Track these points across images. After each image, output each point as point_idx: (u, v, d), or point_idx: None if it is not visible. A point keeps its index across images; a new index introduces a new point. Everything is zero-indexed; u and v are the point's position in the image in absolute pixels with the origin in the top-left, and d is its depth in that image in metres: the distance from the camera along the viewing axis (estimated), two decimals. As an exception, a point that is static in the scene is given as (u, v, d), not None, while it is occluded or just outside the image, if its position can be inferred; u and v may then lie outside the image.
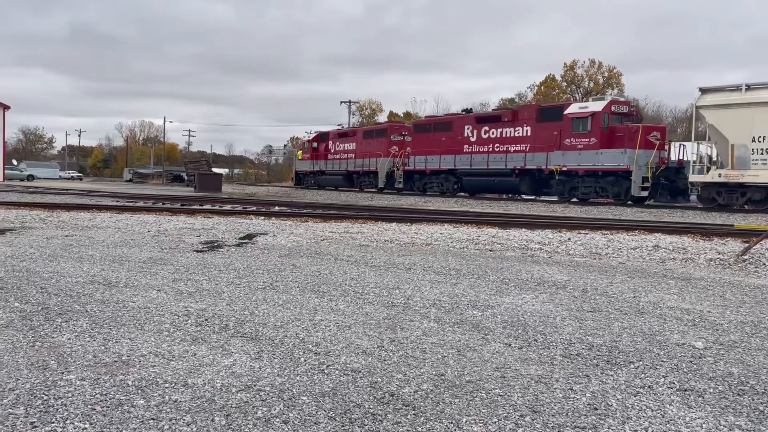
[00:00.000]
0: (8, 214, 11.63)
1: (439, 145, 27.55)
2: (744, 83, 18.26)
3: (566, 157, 22.14)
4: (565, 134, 22.19)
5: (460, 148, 26.56)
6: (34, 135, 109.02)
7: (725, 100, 18.31)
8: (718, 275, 6.39)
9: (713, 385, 2.91)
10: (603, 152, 21.03)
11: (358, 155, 34.18)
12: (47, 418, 2.30)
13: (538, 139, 23.25)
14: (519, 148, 24.00)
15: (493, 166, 25.02)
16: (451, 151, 26.94)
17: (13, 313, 3.91)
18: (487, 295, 4.96)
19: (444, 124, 28.37)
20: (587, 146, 21.48)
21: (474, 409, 2.53)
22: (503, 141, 24.74)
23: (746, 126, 17.55)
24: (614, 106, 21.78)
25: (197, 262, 6.22)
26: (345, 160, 35.60)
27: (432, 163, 28.01)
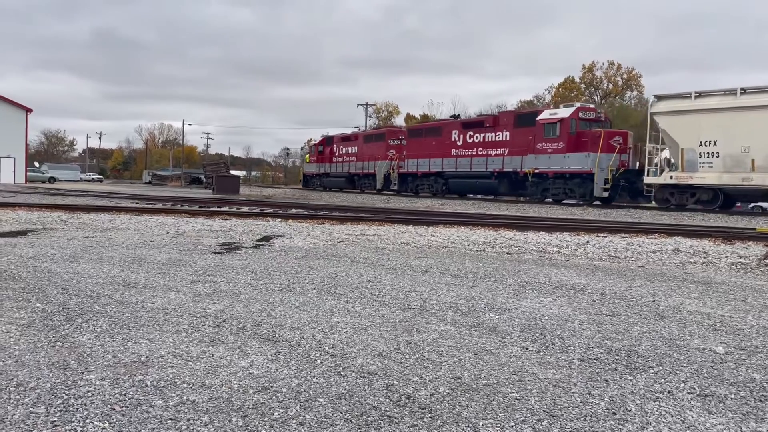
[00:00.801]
0: (30, 215, 11.81)
1: (430, 149, 29.21)
2: (694, 91, 19.57)
3: (538, 160, 23.59)
4: (538, 139, 23.65)
5: (448, 152, 28.14)
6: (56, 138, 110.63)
7: (676, 107, 19.55)
8: (739, 279, 6.29)
9: (734, 391, 2.87)
10: (570, 156, 22.40)
11: (359, 158, 35.87)
12: (67, 418, 2.33)
13: (515, 143, 24.73)
14: (498, 152, 25.56)
15: (475, 169, 26.62)
16: (440, 154, 28.58)
17: (35, 313, 3.97)
18: (504, 298, 4.94)
19: (434, 129, 30.19)
20: (556, 150, 22.91)
21: (491, 413, 2.52)
22: (485, 145, 26.31)
23: (695, 131, 18.78)
24: (581, 112, 23.10)
25: (215, 264, 6.26)
26: (347, 163, 37.32)
27: (423, 166, 29.78)
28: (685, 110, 19.26)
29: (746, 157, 17.86)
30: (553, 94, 62.32)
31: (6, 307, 4.09)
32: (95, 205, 15.15)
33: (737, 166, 18.12)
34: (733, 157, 18.18)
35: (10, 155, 46.69)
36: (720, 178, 18.42)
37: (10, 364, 2.93)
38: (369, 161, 34.61)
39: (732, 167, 18.21)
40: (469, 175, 27.11)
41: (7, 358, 3.02)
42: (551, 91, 63.83)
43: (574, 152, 22.23)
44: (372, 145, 34.77)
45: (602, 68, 61.79)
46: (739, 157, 18.06)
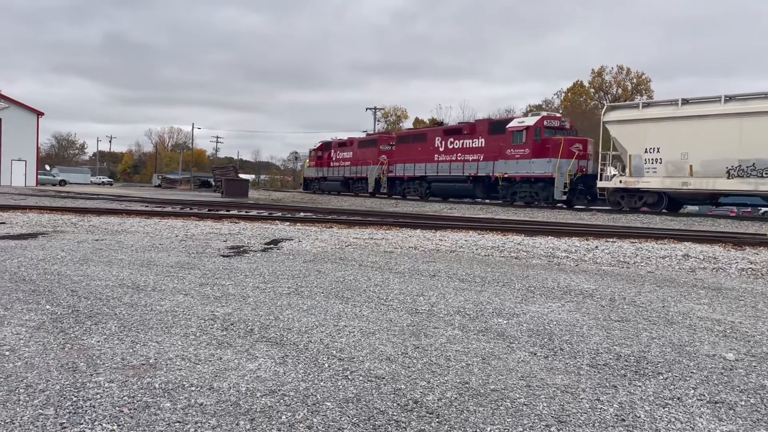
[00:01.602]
0: (41, 218, 11.89)
1: (416, 155, 31.28)
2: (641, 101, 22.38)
3: (507, 165, 25.59)
4: (507, 145, 25.61)
5: (431, 158, 30.12)
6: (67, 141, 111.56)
7: (625, 116, 21.33)
8: (750, 285, 6.24)
9: (745, 398, 2.85)
10: (534, 161, 24.28)
11: (354, 163, 37.87)
12: (76, 420, 2.34)
13: (489, 149, 26.69)
14: (474, 158, 27.54)
15: (454, 173, 28.57)
16: (424, 159, 30.61)
17: (45, 315, 3.99)
18: (512, 303, 4.92)
19: (420, 135, 32.42)
20: (522, 156, 24.87)
21: (499, 418, 2.51)
22: (463, 151, 28.29)
23: (641, 139, 20.49)
24: (546, 121, 24.93)
25: (223, 267, 6.28)
26: (343, 167, 39.33)
27: (409, 171, 31.83)
28: (632, 119, 20.95)
29: (685, 164, 19.47)
30: (562, 99, 62.18)
31: (16, 309, 4.12)
32: (105, 208, 15.24)
33: (678, 171, 19.70)
34: (674, 163, 19.80)
35: (21, 158, 47.08)
36: (663, 182, 20.02)
37: (20, 365, 2.95)
38: (362, 165, 36.56)
39: (673, 172, 19.81)
40: (448, 179, 28.92)
41: (17, 359, 3.04)
42: (560, 96, 63.71)
43: (538, 158, 24.02)
44: (365, 151, 36.67)
45: (611, 73, 61.63)
46: (679, 163, 19.68)
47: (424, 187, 30.88)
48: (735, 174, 18.46)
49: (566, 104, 57.49)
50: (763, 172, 17.87)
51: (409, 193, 32.34)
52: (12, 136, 45.94)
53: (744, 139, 18.15)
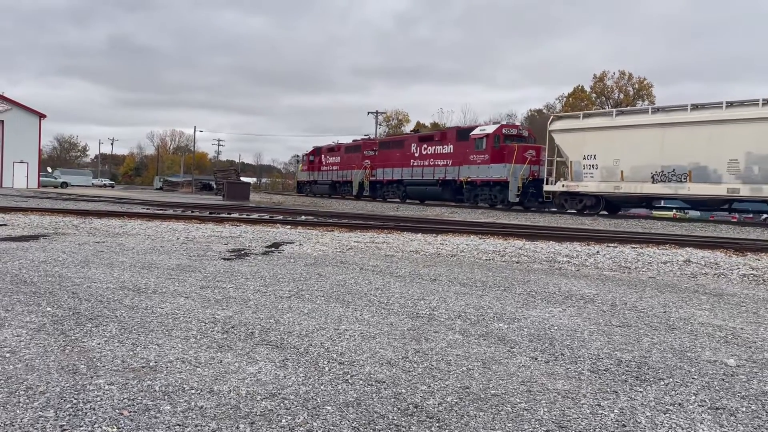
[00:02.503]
0: (42, 220, 11.91)
1: (395, 160, 33.23)
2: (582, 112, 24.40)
3: (470, 170, 27.34)
4: (471, 151, 27.37)
5: (408, 163, 31.97)
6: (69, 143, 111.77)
7: (568, 125, 23.11)
8: (751, 291, 6.23)
9: (746, 404, 2.84)
10: (492, 166, 26.09)
11: (341, 167, 39.92)
12: (76, 422, 2.34)
13: (456, 155, 28.46)
14: (443, 163, 29.31)
15: (426, 177, 30.41)
16: (401, 164, 32.48)
17: (45, 317, 3.99)
18: (513, 307, 4.92)
19: (398, 142, 34.41)
20: (483, 161, 26.63)
21: (499, 423, 2.50)
22: (434, 157, 30.10)
23: (580, 146, 22.25)
24: (505, 129, 27.14)
25: (224, 270, 6.28)
26: (332, 172, 41.39)
27: (388, 175, 33.80)
28: (574, 128, 22.77)
29: (617, 169, 21.25)
30: (563, 104, 62.20)
31: (17, 311, 4.12)
32: (106, 211, 15.25)
33: (611, 176, 21.49)
34: (608, 169, 21.55)
35: (23, 160, 47.15)
36: (599, 186, 21.82)
37: (20, 367, 2.94)
38: (348, 170, 38.62)
39: (607, 177, 21.61)
40: (421, 183, 30.87)
41: (17, 361, 3.03)
42: (562, 101, 63.72)
43: (496, 163, 25.87)
44: (351, 156, 38.59)
45: (613, 78, 61.63)
46: (612, 169, 21.44)
47: (401, 191, 32.69)
48: (658, 179, 20.14)
49: (567, 109, 57.46)
50: (682, 177, 19.55)
51: (388, 196, 34.18)
52: (14, 138, 46.01)
53: (666, 147, 19.86)
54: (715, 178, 18.83)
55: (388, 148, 34.67)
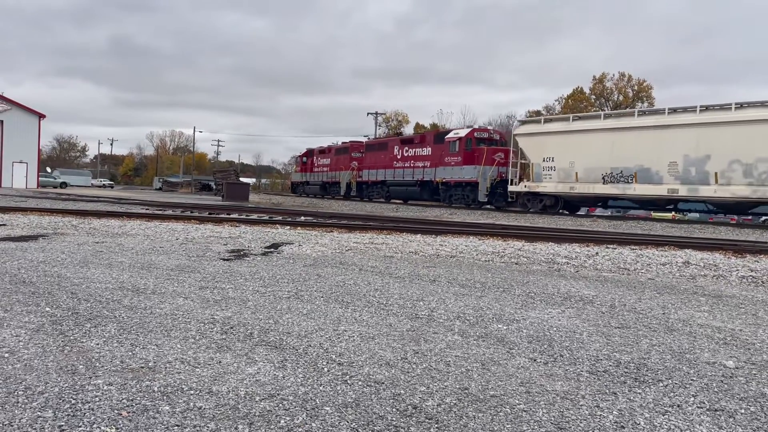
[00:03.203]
0: (42, 220, 11.90)
1: (379, 162, 34.60)
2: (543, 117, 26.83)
3: (445, 171, 28.70)
4: (445, 154, 28.81)
5: (391, 164, 33.34)
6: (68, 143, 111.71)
7: (530, 130, 24.54)
8: (750, 293, 6.24)
9: (745, 406, 2.84)
10: (464, 168, 27.49)
11: (331, 169, 41.26)
12: (75, 422, 2.34)
13: (433, 157, 29.79)
14: (422, 164, 30.70)
15: (406, 178, 31.86)
16: (385, 166, 33.86)
17: (44, 317, 3.99)
18: (512, 308, 4.92)
19: (383, 144, 35.79)
20: (456, 163, 28.01)
21: (498, 425, 2.50)
22: (414, 159, 31.53)
23: (541, 149, 23.66)
24: (476, 132, 28.15)
25: (223, 271, 6.28)
26: (322, 173, 42.75)
27: (373, 176, 35.22)
28: (535, 132, 24.15)
29: (572, 171, 22.68)
30: (563, 105, 62.21)
31: (16, 311, 4.12)
32: (106, 211, 15.25)
33: (567, 177, 22.86)
34: (564, 171, 22.93)
35: (22, 160, 47.13)
36: (556, 187, 23.19)
37: (19, 367, 2.94)
38: (337, 171, 39.98)
39: (564, 178, 22.97)
40: (402, 183, 32.32)
41: (16, 361, 3.03)
42: (561, 102, 63.74)
43: (467, 165, 27.26)
44: (340, 158, 39.85)
45: (613, 79, 61.64)
46: (568, 171, 22.82)
47: (385, 191, 34.21)
48: (608, 180, 21.63)
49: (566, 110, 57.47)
50: (629, 178, 20.99)
51: (373, 196, 35.60)
52: (13, 138, 45.99)
53: (615, 150, 21.30)
54: (657, 180, 20.16)
55: (373, 151, 36.12)
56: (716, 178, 18.79)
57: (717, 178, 18.78)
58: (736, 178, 18.43)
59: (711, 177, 18.90)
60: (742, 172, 18.28)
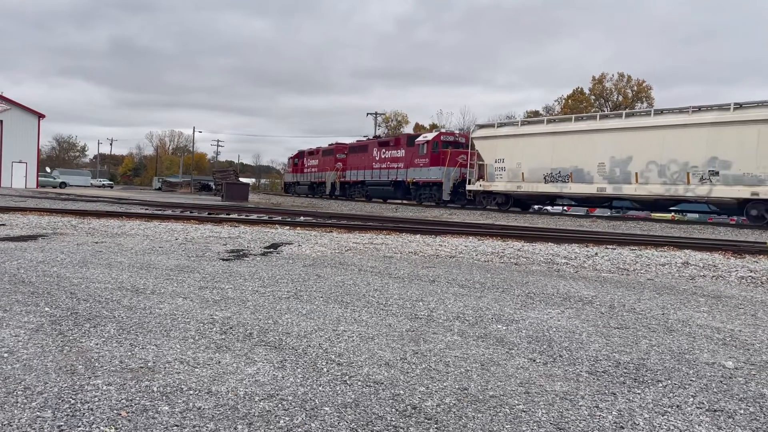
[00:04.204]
0: (41, 220, 11.89)
1: (360, 163, 36.70)
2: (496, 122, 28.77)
3: (415, 172, 30.85)
4: (416, 156, 30.92)
5: (370, 165, 35.43)
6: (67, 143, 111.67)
7: (485, 133, 26.60)
8: (749, 294, 6.24)
9: (744, 407, 2.84)
10: (431, 169, 29.45)
11: (318, 169, 43.28)
12: (74, 422, 2.34)
13: (406, 159, 31.89)
14: (396, 166, 32.77)
15: (382, 179, 34.00)
16: (365, 167, 35.97)
17: (43, 317, 3.99)
18: (511, 309, 4.92)
19: (363, 146, 37.55)
20: (424, 165, 30.07)
21: (497, 425, 2.50)
22: (390, 160, 33.55)
23: (494, 151, 25.73)
24: (443, 136, 30.87)
25: (223, 271, 6.28)
26: (311, 173, 44.82)
27: (353, 176, 37.40)
28: (489, 136, 26.14)
29: (519, 171, 24.58)
30: (562, 106, 62.24)
31: (15, 311, 4.12)
32: (105, 211, 15.24)
33: (515, 177, 24.81)
34: (513, 171, 24.90)
35: (21, 160, 47.10)
36: (506, 186, 25.20)
37: (18, 367, 2.94)
38: (324, 172, 42.00)
39: (512, 178, 24.94)
40: (379, 183, 34.46)
41: (15, 361, 3.03)
42: (561, 103, 63.77)
43: (434, 166, 29.18)
44: (327, 159, 41.82)
45: (612, 80, 61.66)
46: (515, 171, 24.77)
47: (364, 191, 36.30)
48: (549, 179, 23.40)
49: (566, 111, 57.48)
50: (565, 178, 22.83)
51: (354, 195, 37.67)
52: (13, 137, 45.97)
53: (555, 152, 23.18)
54: (589, 179, 22.14)
55: (355, 153, 38.10)
56: (636, 178, 20.65)
57: (637, 177, 20.62)
58: (652, 178, 20.22)
59: (632, 177, 20.76)
60: (657, 172, 20.08)
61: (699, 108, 19.74)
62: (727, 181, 18.51)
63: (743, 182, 18.17)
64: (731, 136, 18.32)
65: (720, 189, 18.61)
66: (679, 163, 19.54)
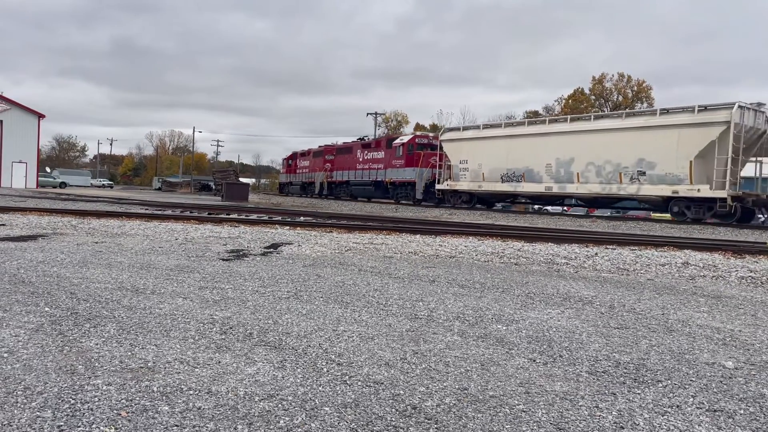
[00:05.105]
0: (41, 220, 11.89)
1: (346, 164, 38.38)
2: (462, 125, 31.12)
3: (393, 172, 32.45)
4: (393, 157, 32.53)
5: (354, 166, 37.18)
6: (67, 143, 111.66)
7: (452, 136, 28.60)
8: (749, 294, 6.24)
9: (744, 407, 2.84)
10: (406, 169, 31.18)
11: (309, 170, 45.02)
12: (74, 422, 2.34)
13: (385, 160, 33.47)
14: (375, 167, 34.53)
15: (364, 179, 35.72)
16: (350, 168, 37.70)
17: (43, 317, 3.99)
18: (511, 309, 4.92)
19: (348, 148, 39.07)
20: (401, 166, 31.72)
21: (497, 425, 2.50)
22: (371, 162, 35.21)
23: (458, 153, 27.65)
24: (417, 138, 32.10)
25: (223, 271, 6.28)
26: (303, 174, 46.48)
27: (339, 177, 39.17)
28: (455, 139, 28.10)
29: (480, 171, 26.55)
30: (562, 106, 62.24)
31: (15, 311, 4.12)
32: (105, 211, 15.24)
33: (477, 177, 26.78)
34: (475, 171, 26.81)
35: (21, 160, 47.09)
36: (469, 185, 27.14)
37: (18, 367, 2.94)
38: (314, 172, 43.77)
39: (474, 178, 26.90)
40: (361, 183, 36.20)
41: (15, 361, 3.03)
42: (561, 103, 63.77)
43: (409, 167, 30.86)
44: (317, 160, 43.44)
45: (612, 80, 61.66)
46: (477, 171, 26.67)
47: (349, 191, 37.99)
48: (505, 179, 25.40)
49: (566, 111, 57.47)
50: (519, 178, 24.67)
51: (340, 195, 39.31)
52: (13, 138, 45.96)
53: (510, 154, 25.07)
54: (538, 179, 23.90)
55: (342, 154, 39.67)
56: (578, 178, 22.51)
57: (578, 177, 22.48)
58: (591, 178, 22.13)
59: (575, 177, 22.62)
60: (595, 172, 21.98)
61: (632, 113, 22.48)
62: (652, 180, 20.24)
63: (666, 181, 19.89)
64: (656, 139, 20.09)
65: (647, 188, 20.40)
66: (613, 164, 21.31)
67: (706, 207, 19.22)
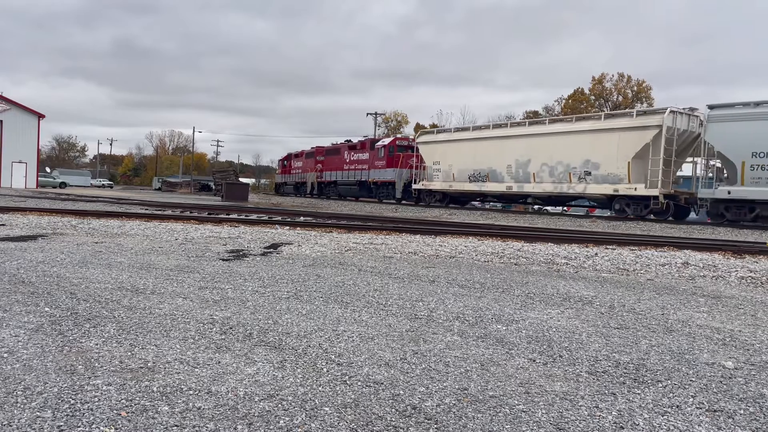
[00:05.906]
0: (41, 220, 11.89)
1: (334, 165, 40.03)
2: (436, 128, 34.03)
3: (376, 173, 34.16)
4: (376, 159, 34.22)
5: (341, 167, 38.83)
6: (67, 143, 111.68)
7: (426, 139, 30.47)
8: (749, 294, 6.24)
9: (744, 407, 2.84)
10: (387, 170, 32.91)
11: (302, 171, 46.55)
12: (74, 422, 2.34)
13: (369, 161, 35.06)
14: (361, 167, 36.16)
15: (350, 179, 37.49)
16: (337, 168, 39.36)
17: (43, 317, 3.99)
18: (511, 309, 4.92)
19: (336, 150, 40.64)
20: (382, 166, 33.41)
21: (497, 425, 2.50)
22: (356, 162, 36.88)
23: (432, 154, 29.43)
24: (397, 141, 34.08)
25: (223, 271, 6.28)
26: (296, 174, 48.11)
27: (328, 177, 40.94)
28: (430, 141, 29.98)
29: (451, 172, 28.20)
30: (562, 106, 62.24)
31: (15, 311, 4.12)
32: (105, 211, 15.24)
33: (448, 177, 28.41)
34: (446, 172, 28.52)
35: (21, 160, 47.09)
36: (441, 185, 28.83)
37: (18, 368, 2.94)
38: (306, 173, 45.38)
39: (446, 178, 28.55)
40: (347, 183, 37.88)
41: (15, 362, 3.03)
42: (561, 103, 63.77)
43: (389, 168, 32.53)
44: (309, 161, 44.86)
45: (612, 80, 61.65)
46: (448, 172, 28.36)
47: (336, 190, 39.69)
48: (472, 179, 27.05)
49: (566, 111, 57.47)
50: (484, 178, 26.41)
51: (329, 194, 41.06)
52: (13, 138, 45.95)
53: (476, 156, 26.76)
54: (500, 179, 25.68)
55: (331, 155, 41.27)
56: (534, 178, 24.11)
57: (534, 177, 24.09)
58: (545, 178, 23.67)
59: (531, 177, 24.23)
60: (548, 172, 23.54)
61: (582, 117, 24.39)
62: (597, 180, 21.97)
63: (608, 181, 21.56)
64: (600, 141, 21.76)
65: (592, 187, 22.14)
66: (564, 165, 22.90)
67: (643, 204, 20.58)
